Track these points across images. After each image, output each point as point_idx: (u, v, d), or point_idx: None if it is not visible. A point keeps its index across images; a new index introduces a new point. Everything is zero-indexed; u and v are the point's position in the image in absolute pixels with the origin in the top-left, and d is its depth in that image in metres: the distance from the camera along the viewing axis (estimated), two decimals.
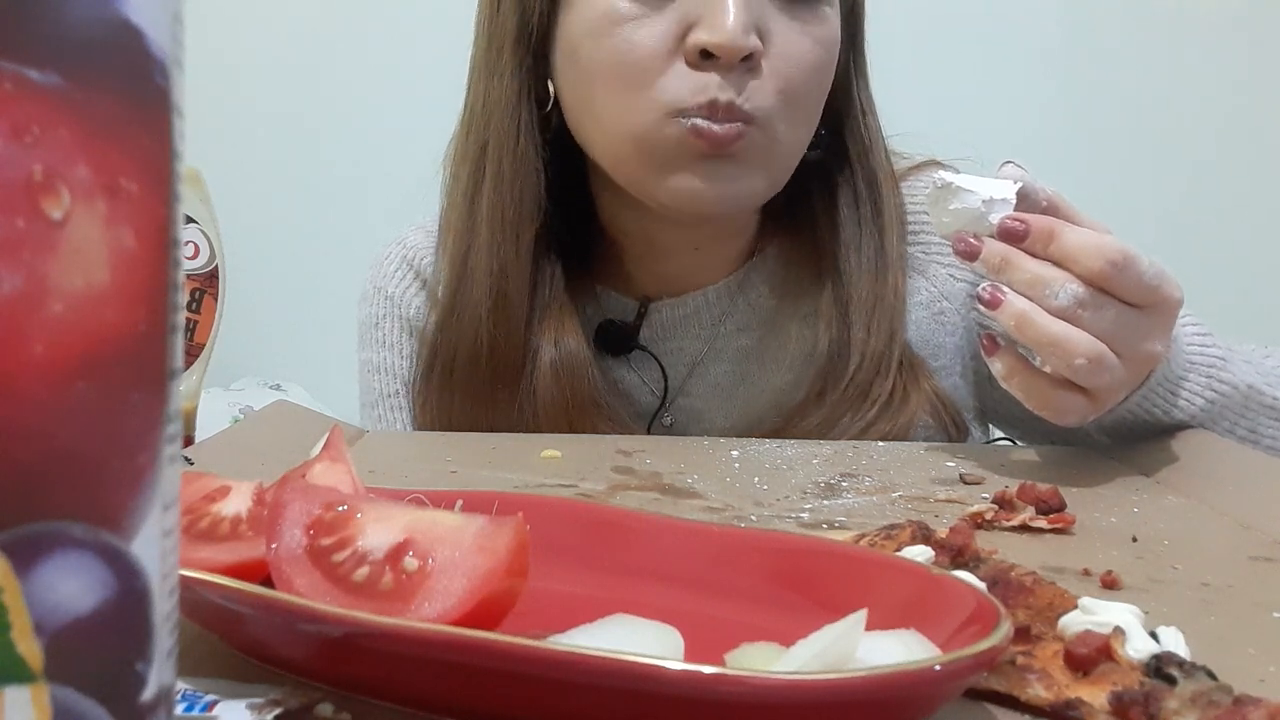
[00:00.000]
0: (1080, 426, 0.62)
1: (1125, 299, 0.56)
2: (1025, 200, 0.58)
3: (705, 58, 0.64)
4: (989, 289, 0.57)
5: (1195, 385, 0.63)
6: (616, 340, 0.78)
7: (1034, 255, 0.56)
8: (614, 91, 0.67)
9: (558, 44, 0.70)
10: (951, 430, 0.74)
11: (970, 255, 0.57)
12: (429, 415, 0.76)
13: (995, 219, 0.57)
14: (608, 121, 0.69)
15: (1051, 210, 0.58)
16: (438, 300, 0.76)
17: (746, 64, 0.65)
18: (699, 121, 0.65)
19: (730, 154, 0.66)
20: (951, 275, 0.77)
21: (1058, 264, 0.55)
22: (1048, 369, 0.57)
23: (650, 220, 0.74)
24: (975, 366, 0.78)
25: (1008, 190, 0.57)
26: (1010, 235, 0.56)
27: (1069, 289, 0.55)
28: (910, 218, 0.78)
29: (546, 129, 0.73)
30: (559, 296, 0.74)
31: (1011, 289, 0.56)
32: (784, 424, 0.74)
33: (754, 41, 0.64)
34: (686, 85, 0.65)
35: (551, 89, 0.72)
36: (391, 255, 0.84)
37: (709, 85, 0.65)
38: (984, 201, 0.57)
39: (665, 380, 0.78)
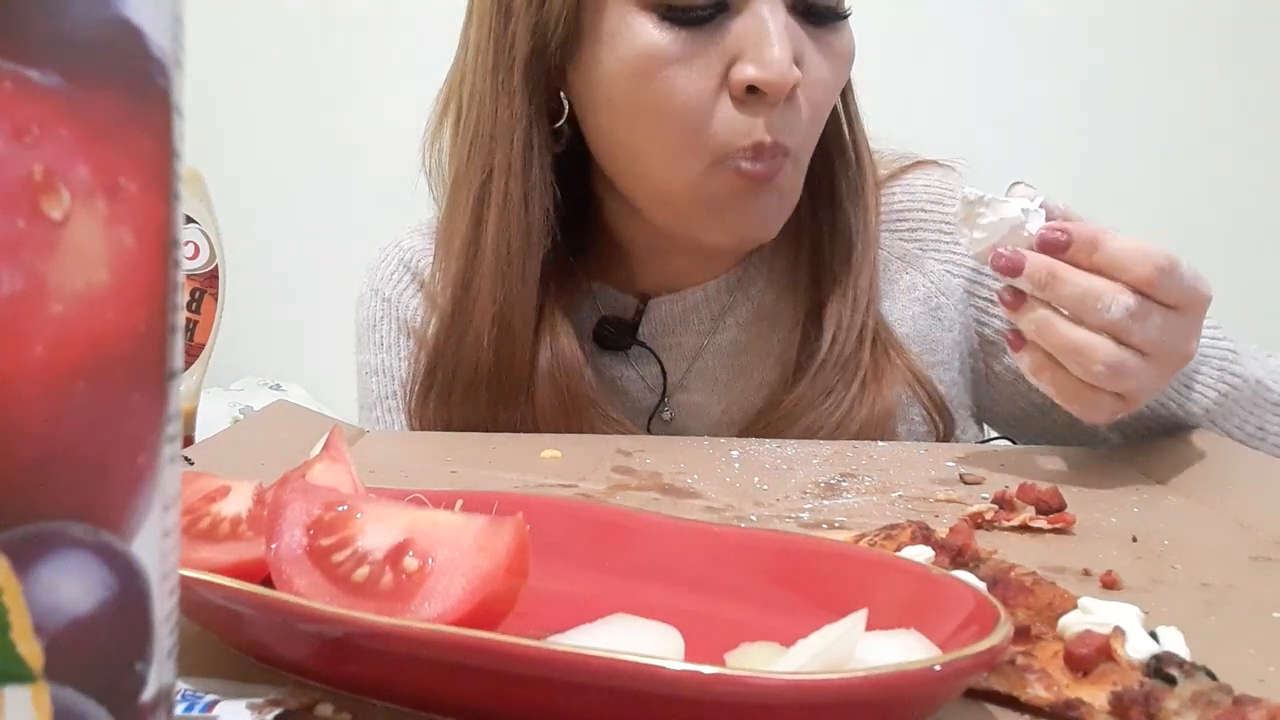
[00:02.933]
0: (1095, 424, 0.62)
1: (1168, 303, 0.55)
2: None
3: (751, 93, 0.64)
4: (1010, 291, 0.56)
5: (1208, 378, 0.63)
6: (615, 337, 0.78)
7: (1077, 265, 0.54)
8: (658, 137, 0.67)
9: (584, 71, 0.69)
10: (932, 411, 0.74)
11: (1014, 270, 0.55)
12: (425, 428, 0.76)
13: (1033, 229, 0.55)
14: (650, 169, 0.68)
15: (1076, 230, 0.56)
16: (435, 312, 0.76)
17: (788, 96, 0.65)
18: (744, 164, 0.65)
19: (767, 189, 0.67)
20: (948, 271, 0.77)
21: (1102, 273, 0.54)
22: None
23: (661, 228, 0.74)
24: (972, 364, 0.78)
25: (1033, 205, 0.56)
26: (1052, 246, 0.54)
27: (1121, 301, 0.53)
28: (906, 214, 0.79)
29: (557, 142, 0.72)
30: (555, 300, 0.74)
31: (1059, 304, 0.54)
32: (768, 402, 0.74)
33: (797, 74, 0.64)
34: (733, 128, 0.65)
35: (565, 102, 0.71)
36: (388, 258, 0.84)
37: (755, 128, 0.65)
38: (1023, 213, 0.55)
39: (664, 376, 0.78)
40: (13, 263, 0.15)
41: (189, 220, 0.65)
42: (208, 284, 0.67)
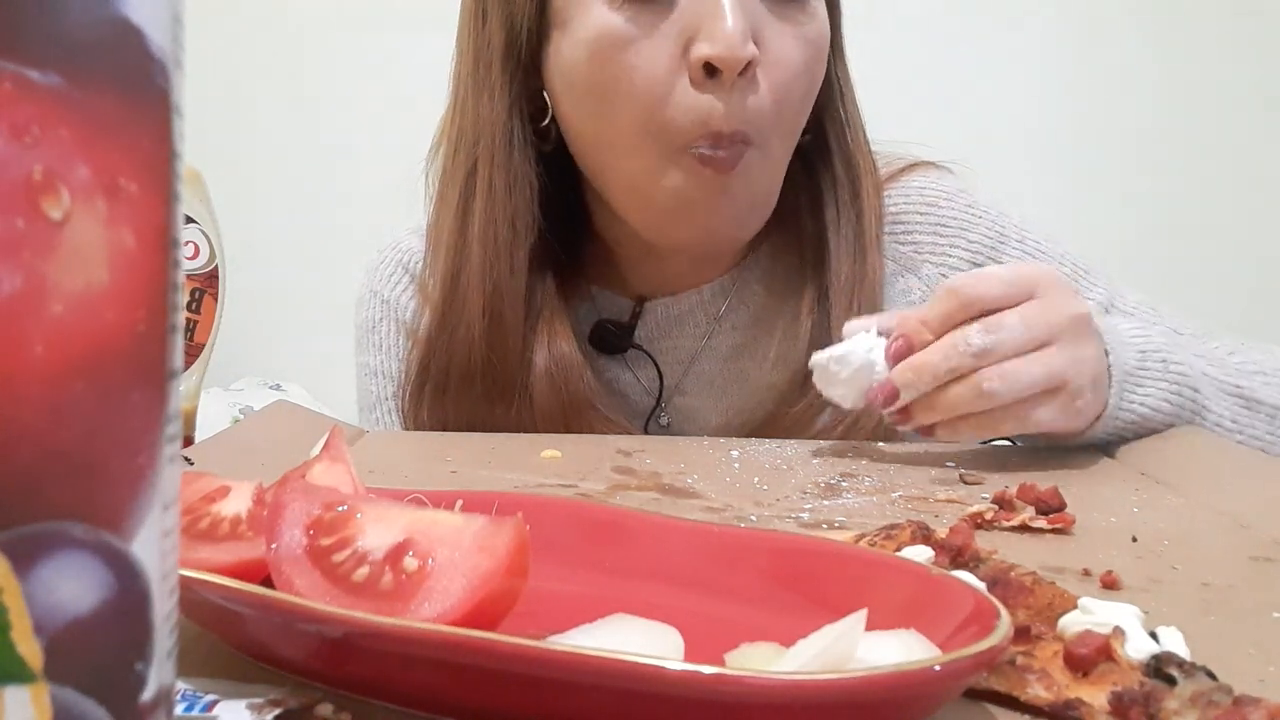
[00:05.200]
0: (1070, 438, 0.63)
1: (1003, 306, 0.58)
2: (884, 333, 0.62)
3: (709, 73, 0.64)
4: (886, 389, 0.60)
5: (1153, 381, 0.63)
6: (612, 340, 0.78)
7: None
8: (617, 122, 0.67)
9: (552, 61, 0.69)
10: None
11: (892, 399, 0.60)
12: (421, 428, 0.76)
13: (878, 359, 0.61)
14: (615, 157, 0.68)
15: (903, 328, 0.61)
16: (427, 308, 0.76)
17: (746, 74, 0.65)
18: (704, 151, 0.65)
19: (730, 181, 0.67)
20: (943, 274, 0.77)
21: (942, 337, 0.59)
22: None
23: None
24: None
25: (871, 339, 0.62)
26: (901, 355, 0.60)
27: (970, 335, 0.58)
28: (901, 217, 0.79)
29: (544, 141, 0.73)
30: (551, 301, 0.74)
31: (937, 380, 0.59)
32: (772, 413, 0.74)
33: (752, 49, 0.64)
34: (690, 114, 0.65)
35: (548, 102, 0.72)
36: (387, 259, 0.84)
37: (712, 113, 0.65)
38: (867, 352, 0.61)
39: (661, 379, 0.78)
40: (13, 263, 0.15)
41: (189, 220, 0.65)
42: (208, 284, 0.67)
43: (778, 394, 0.75)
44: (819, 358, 0.63)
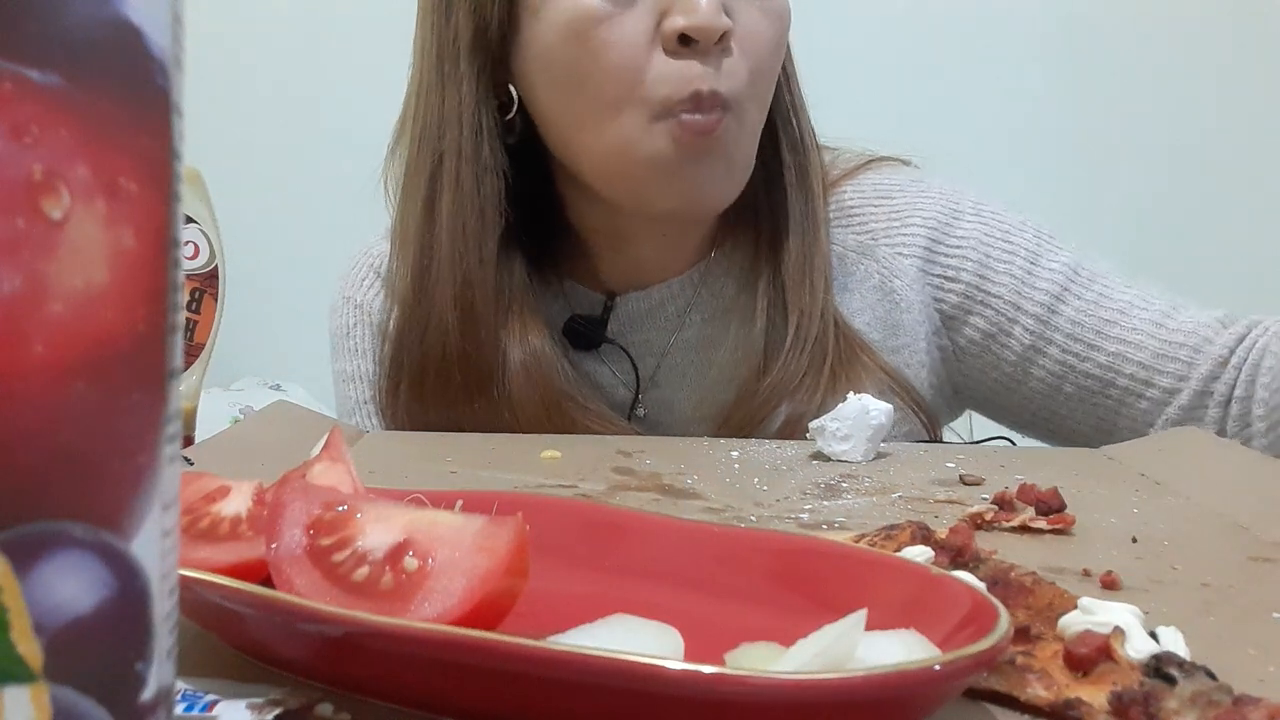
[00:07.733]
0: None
1: None
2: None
3: (683, 44, 0.66)
4: None
5: None
6: (585, 335, 0.78)
7: None
8: (597, 97, 0.68)
9: (523, 51, 0.70)
10: (909, 403, 0.75)
11: None
12: (401, 428, 0.76)
13: (874, 406, 0.63)
14: (593, 133, 0.69)
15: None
16: (396, 303, 0.76)
17: (720, 44, 0.66)
18: (685, 116, 0.67)
19: (711, 145, 0.68)
20: (899, 253, 0.79)
21: None
22: None
23: (620, 214, 0.74)
24: (939, 343, 0.79)
25: (859, 398, 0.64)
26: None
27: None
28: (856, 210, 0.80)
29: (509, 134, 0.73)
30: (521, 295, 0.74)
31: None
32: (739, 399, 0.74)
33: (726, 20, 0.66)
34: (670, 80, 0.66)
35: (514, 94, 0.72)
36: (358, 264, 0.85)
37: (691, 76, 0.66)
38: (860, 404, 0.63)
39: (636, 372, 0.78)
40: (13, 263, 0.15)
41: (189, 220, 0.65)
42: (208, 284, 0.67)
43: (740, 381, 0.76)
44: (816, 423, 0.64)
